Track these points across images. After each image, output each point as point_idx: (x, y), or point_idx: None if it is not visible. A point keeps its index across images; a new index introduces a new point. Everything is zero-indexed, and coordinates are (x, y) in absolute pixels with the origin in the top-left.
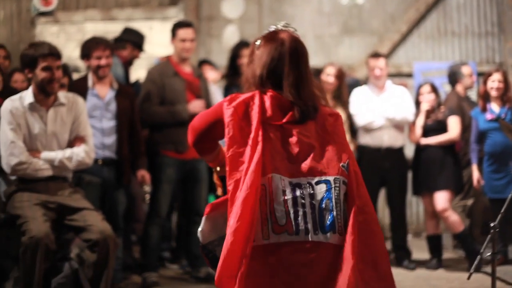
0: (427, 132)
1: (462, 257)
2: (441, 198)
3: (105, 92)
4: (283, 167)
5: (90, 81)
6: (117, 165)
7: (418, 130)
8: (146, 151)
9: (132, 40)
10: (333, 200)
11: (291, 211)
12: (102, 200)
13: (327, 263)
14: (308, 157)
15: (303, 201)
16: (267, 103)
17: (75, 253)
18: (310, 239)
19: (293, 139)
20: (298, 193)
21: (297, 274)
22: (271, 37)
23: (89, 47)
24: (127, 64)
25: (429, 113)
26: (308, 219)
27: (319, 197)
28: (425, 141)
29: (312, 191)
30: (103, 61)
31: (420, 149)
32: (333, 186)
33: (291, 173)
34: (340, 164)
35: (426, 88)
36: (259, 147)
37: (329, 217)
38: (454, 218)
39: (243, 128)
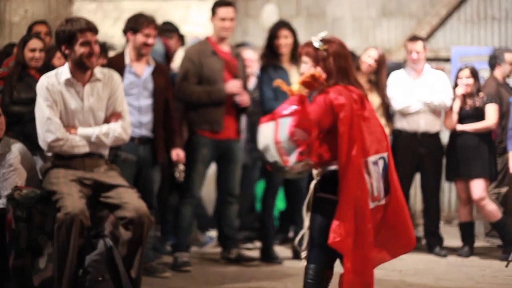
0: (463, 118)
1: (494, 245)
2: (478, 187)
3: (142, 70)
4: (367, 150)
5: (127, 58)
6: (153, 144)
7: (454, 116)
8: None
9: (178, 32)
10: (386, 171)
11: (375, 185)
12: (137, 178)
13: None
14: (371, 137)
15: (377, 175)
16: (353, 96)
17: (110, 230)
18: (381, 203)
19: (366, 124)
20: (375, 169)
21: (378, 228)
22: (330, 40)
23: (141, 23)
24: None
25: (466, 98)
26: (381, 189)
27: (381, 170)
28: (461, 127)
29: (377, 167)
30: (151, 40)
31: (455, 135)
32: (386, 160)
33: (370, 154)
34: (386, 142)
35: (465, 72)
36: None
37: (387, 184)
38: (491, 206)
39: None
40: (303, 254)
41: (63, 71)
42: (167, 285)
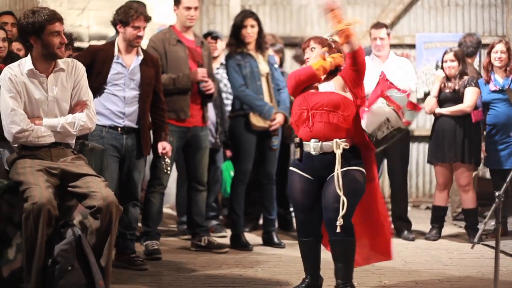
0: (443, 101)
1: (461, 229)
2: (463, 172)
3: (130, 61)
4: None
5: (116, 48)
6: (137, 134)
7: (431, 99)
8: None
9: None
10: None
11: None
12: (120, 168)
13: None
14: None
15: None
16: None
17: (78, 220)
18: None
19: None
20: None
21: None
22: None
23: (130, 15)
24: None
25: (448, 82)
26: None
27: None
28: (439, 110)
29: None
30: (141, 32)
31: (436, 118)
32: None
33: None
34: None
35: (449, 56)
36: None
37: None
38: (472, 194)
39: None
40: (340, 222)
41: (26, 62)
42: (138, 273)
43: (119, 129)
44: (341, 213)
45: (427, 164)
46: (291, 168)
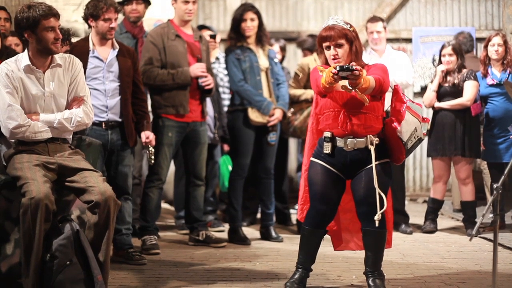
0: (442, 95)
1: (459, 222)
2: (466, 165)
3: (106, 54)
4: None
5: (91, 43)
6: (122, 127)
7: (430, 93)
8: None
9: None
10: None
11: None
12: (107, 164)
13: None
14: None
15: None
16: None
17: (76, 214)
18: None
19: None
20: None
21: None
22: (348, 22)
23: (100, 8)
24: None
25: (447, 76)
26: None
27: None
28: (438, 104)
29: None
30: (113, 24)
31: (436, 112)
32: None
33: None
34: None
35: (447, 50)
36: None
37: None
38: (471, 187)
39: None
40: (378, 217)
41: (23, 58)
42: (136, 268)
43: (103, 124)
44: (381, 209)
45: (424, 157)
46: (314, 159)
